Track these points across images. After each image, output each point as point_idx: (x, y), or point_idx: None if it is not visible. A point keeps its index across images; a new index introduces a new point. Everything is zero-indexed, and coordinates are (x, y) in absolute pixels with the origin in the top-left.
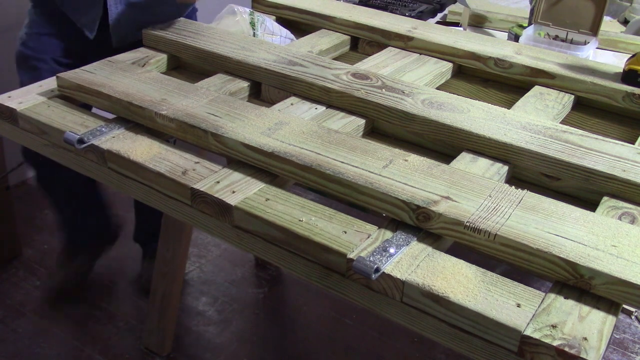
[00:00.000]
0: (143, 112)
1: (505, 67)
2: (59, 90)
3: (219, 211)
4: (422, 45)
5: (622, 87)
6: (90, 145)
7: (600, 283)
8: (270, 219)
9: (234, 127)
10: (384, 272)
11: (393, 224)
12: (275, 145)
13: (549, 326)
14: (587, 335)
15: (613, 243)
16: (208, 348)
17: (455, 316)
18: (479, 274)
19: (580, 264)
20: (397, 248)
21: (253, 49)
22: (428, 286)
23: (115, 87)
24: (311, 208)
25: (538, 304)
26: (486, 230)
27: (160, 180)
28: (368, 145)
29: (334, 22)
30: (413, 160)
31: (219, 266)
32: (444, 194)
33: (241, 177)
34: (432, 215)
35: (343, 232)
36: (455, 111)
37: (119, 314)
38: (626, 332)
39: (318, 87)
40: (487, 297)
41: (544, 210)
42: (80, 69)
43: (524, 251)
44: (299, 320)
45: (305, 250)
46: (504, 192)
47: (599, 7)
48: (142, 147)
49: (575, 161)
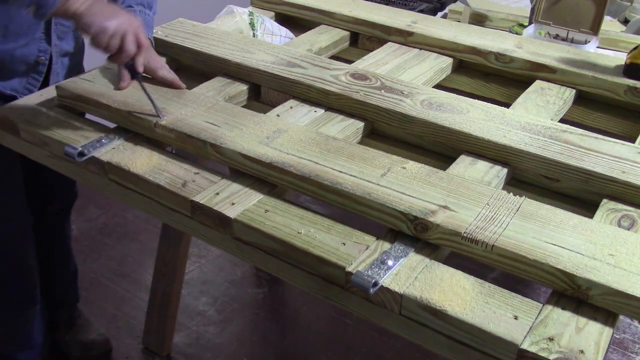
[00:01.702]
0: (142, 122)
1: (506, 61)
2: (59, 99)
3: (219, 223)
4: (423, 40)
5: (624, 80)
6: (91, 157)
7: (598, 294)
8: (269, 231)
9: (233, 137)
10: (382, 286)
11: (391, 233)
12: (273, 155)
13: (546, 339)
14: (583, 348)
15: (610, 252)
16: (208, 348)
17: (453, 329)
18: (476, 285)
19: (577, 275)
20: (395, 260)
21: (252, 50)
22: (426, 299)
23: (114, 96)
24: (310, 219)
25: (535, 316)
26: (483, 241)
27: (160, 192)
28: (366, 152)
29: (333, 17)
30: (411, 167)
31: (219, 266)
32: (441, 203)
33: (240, 187)
34: (430, 226)
35: (342, 243)
36: (454, 112)
37: (119, 314)
38: (626, 332)
39: (317, 90)
40: (485, 309)
41: (541, 218)
42: (79, 77)
43: (521, 262)
44: (299, 320)
45: (304, 263)
46: (502, 200)
47: (599, 6)
48: (142, 158)
49: (574, 163)
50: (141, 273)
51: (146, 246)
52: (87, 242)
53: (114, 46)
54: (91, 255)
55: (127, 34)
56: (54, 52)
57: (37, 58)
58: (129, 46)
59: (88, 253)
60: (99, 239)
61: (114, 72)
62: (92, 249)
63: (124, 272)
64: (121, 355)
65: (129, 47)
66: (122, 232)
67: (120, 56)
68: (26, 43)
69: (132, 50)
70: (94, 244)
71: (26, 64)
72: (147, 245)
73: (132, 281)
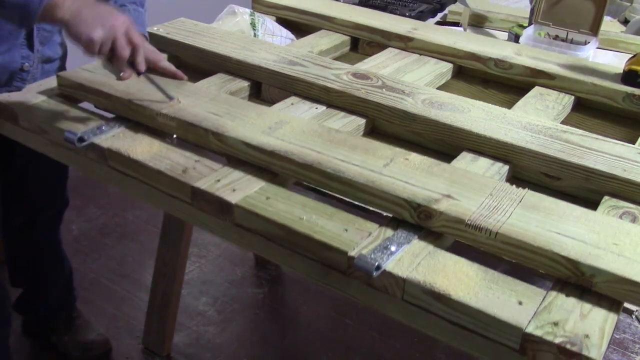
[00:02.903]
0: (144, 111)
1: (505, 67)
2: (60, 89)
3: (219, 209)
4: (422, 45)
5: (622, 87)
6: (91, 143)
7: (602, 281)
8: (271, 216)
9: (235, 126)
10: (385, 270)
11: (394, 222)
12: (276, 144)
13: (551, 323)
14: (588, 333)
15: (614, 241)
16: (208, 348)
17: (457, 314)
18: (480, 272)
19: (581, 261)
20: (398, 246)
21: (253, 48)
22: (429, 284)
23: (116, 86)
24: (312, 206)
25: (540, 302)
26: (487, 228)
27: (160, 178)
28: (369, 144)
29: (334, 22)
30: (414, 159)
31: (219, 266)
32: (445, 193)
33: (242, 175)
34: (433, 214)
35: (344, 230)
36: (455, 111)
37: (119, 314)
38: (626, 332)
39: (318, 87)
40: (489, 294)
41: (545, 209)
42: (81, 67)
43: (525, 249)
44: (299, 320)
45: (306, 248)
46: (505, 191)
47: (599, 6)
48: (143, 145)
49: (575, 161)
50: (141, 273)
51: (146, 246)
52: (87, 242)
53: (107, 52)
54: (91, 255)
55: (117, 39)
56: (36, 58)
57: (22, 65)
58: (121, 52)
59: (88, 253)
60: (99, 239)
61: None
62: (92, 249)
63: (124, 272)
64: (121, 355)
65: (122, 53)
66: (122, 232)
67: (117, 61)
68: (7, 49)
69: (124, 54)
70: (94, 244)
71: (9, 72)
72: (147, 245)
73: (132, 281)
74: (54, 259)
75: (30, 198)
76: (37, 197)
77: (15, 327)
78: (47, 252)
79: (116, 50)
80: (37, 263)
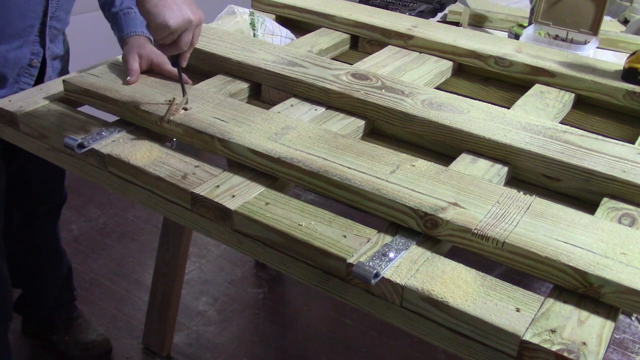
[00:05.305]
0: (150, 117)
1: (505, 65)
2: (66, 94)
3: (219, 215)
4: (423, 43)
5: (623, 85)
6: (91, 149)
7: (610, 291)
8: (269, 223)
9: (241, 132)
10: (383, 277)
11: (393, 227)
12: (282, 151)
13: (548, 331)
14: (586, 340)
15: (622, 251)
16: (208, 348)
17: (455, 321)
18: (478, 278)
19: (589, 272)
20: (397, 252)
21: (253, 49)
22: (427, 291)
23: (122, 91)
24: (311, 212)
25: (537, 308)
26: (494, 237)
27: (160, 184)
28: (375, 150)
29: (333, 20)
30: (420, 165)
31: (219, 266)
32: (451, 200)
33: (241, 180)
34: (440, 223)
35: (343, 236)
36: (455, 111)
37: (119, 314)
38: (626, 332)
39: (318, 88)
40: (487, 301)
41: (552, 217)
42: (86, 72)
43: (532, 259)
44: (299, 320)
45: (305, 255)
46: (512, 198)
47: (599, 6)
48: (142, 150)
49: (575, 162)
50: (141, 273)
51: (146, 246)
52: (87, 242)
53: (169, 42)
54: (91, 255)
55: (185, 33)
56: (47, 55)
57: (30, 61)
58: (181, 45)
59: (88, 253)
60: (99, 239)
61: (121, 68)
62: (92, 249)
63: (124, 272)
64: (121, 355)
65: (182, 47)
66: (122, 232)
67: (170, 49)
68: (20, 45)
69: (184, 49)
70: (94, 244)
71: (18, 67)
72: (147, 245)
73: (132, 281)
74: (52, 255)
75: (31, 191)
76: (37, 190)
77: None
78: (45, 248)
79: (178, 43)
80: (35, 259)
